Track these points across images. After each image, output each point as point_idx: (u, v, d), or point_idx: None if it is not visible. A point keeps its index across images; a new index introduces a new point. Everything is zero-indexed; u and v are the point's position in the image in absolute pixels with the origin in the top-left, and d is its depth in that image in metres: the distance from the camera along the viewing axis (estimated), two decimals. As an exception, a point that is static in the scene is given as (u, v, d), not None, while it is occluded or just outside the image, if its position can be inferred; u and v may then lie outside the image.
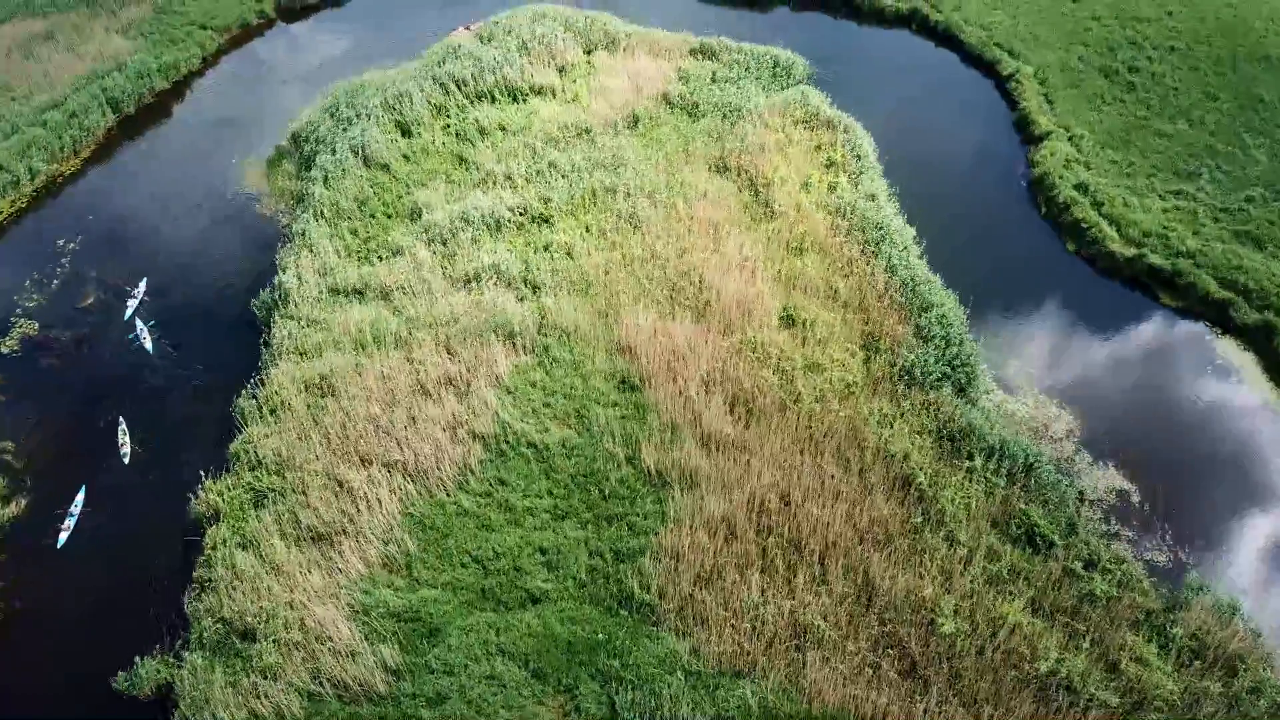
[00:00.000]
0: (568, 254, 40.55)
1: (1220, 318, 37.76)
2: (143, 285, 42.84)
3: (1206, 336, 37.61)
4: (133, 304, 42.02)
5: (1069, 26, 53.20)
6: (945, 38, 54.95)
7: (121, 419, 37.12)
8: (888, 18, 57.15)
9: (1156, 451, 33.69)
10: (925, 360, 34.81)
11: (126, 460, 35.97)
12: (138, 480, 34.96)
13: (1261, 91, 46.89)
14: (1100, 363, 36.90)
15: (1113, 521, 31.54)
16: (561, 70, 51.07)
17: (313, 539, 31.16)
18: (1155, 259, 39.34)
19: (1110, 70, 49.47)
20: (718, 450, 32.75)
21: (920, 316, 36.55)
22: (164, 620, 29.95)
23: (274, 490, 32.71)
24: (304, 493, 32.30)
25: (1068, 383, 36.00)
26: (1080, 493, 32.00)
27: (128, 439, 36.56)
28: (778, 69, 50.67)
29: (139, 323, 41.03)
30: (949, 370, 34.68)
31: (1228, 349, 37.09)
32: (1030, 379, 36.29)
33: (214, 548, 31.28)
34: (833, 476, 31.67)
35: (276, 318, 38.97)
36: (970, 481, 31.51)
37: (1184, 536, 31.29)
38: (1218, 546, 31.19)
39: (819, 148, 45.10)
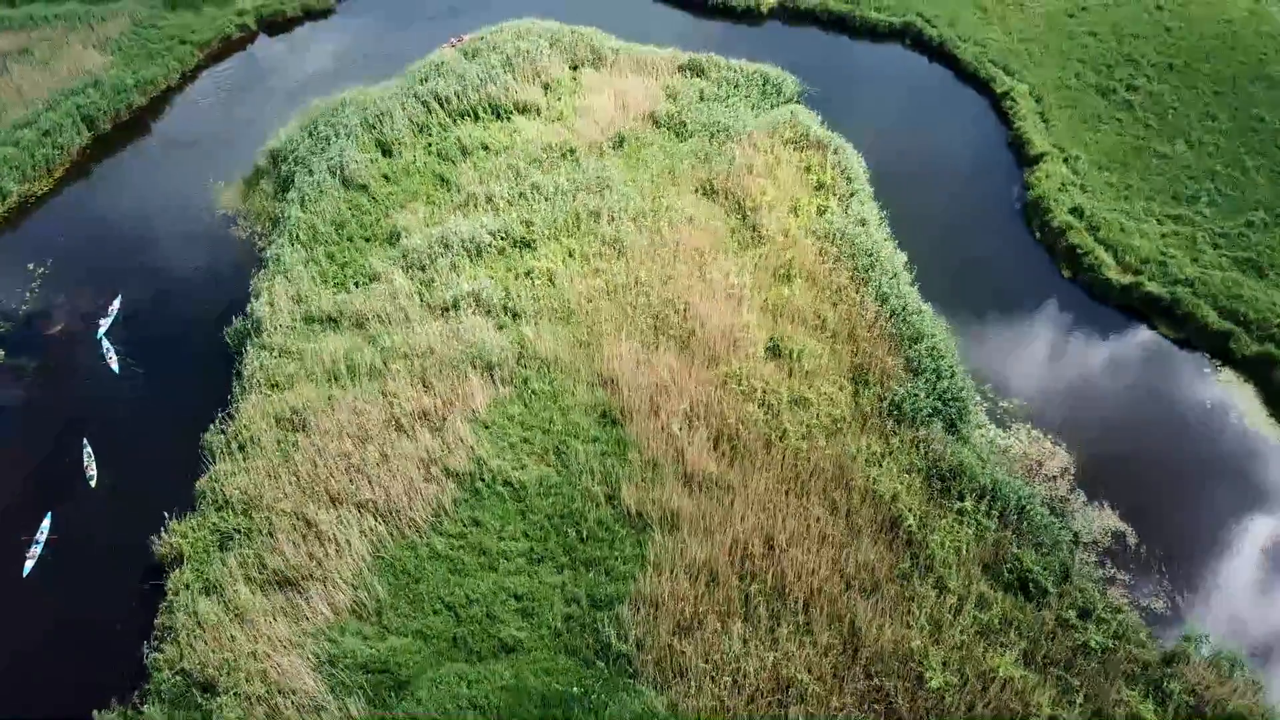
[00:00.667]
0: (549, 280, 39.45)
1: (1220, 348, 36.67)
2: (117, 302, 41.86)
3: (1206, 368, 36.53)
4: (105, 322, 41.08)
5: (1065, 43, 52.09)
6: (939, 53, 53.83)
7: (86, 441, 36.25)
8: (880, 33, 55.99)
9: (1154, 490, 32.66)
10: (915, 395, 33.73)
11: (93, 484, 35.14)
12: (104, 513, 33.81)
13: (1261, 111, 45.84)
14: (1096, 396, 35.79)
15: (1108, 565, 30.49)
16: (546, 87, 49.93)
17: (279, 584, 30.03)
18: (1153, 287, 38.27)
19: (1107, 89, 48.39)
20: (700, 490, 31.67)
21: (910, 348, 35.45)
22: (124, 667, 28.86)
23: (240, 531, 31.59)
24: (271, 534, 31.18)
25: (1062, 416, 34.88)
26: (1075, 535, 30.92)
27: (93, 462, 35.72)
28: (767, 87, 49.58)
29: (106, 342, 40.10)
30: (940, 405, 33.60)
31: (1228, 381, 36.00)
32: (1024, 412, 35.20)
33: (176, 593, 30.14)
34: (818, 519, 30.58)
35: (249, 347, 37.84)
36: (961, 524, 30.43)
37: (1182, 581, 30.27)
38: (1218, 592, 30.14)
39: (808, 169, 43.99)
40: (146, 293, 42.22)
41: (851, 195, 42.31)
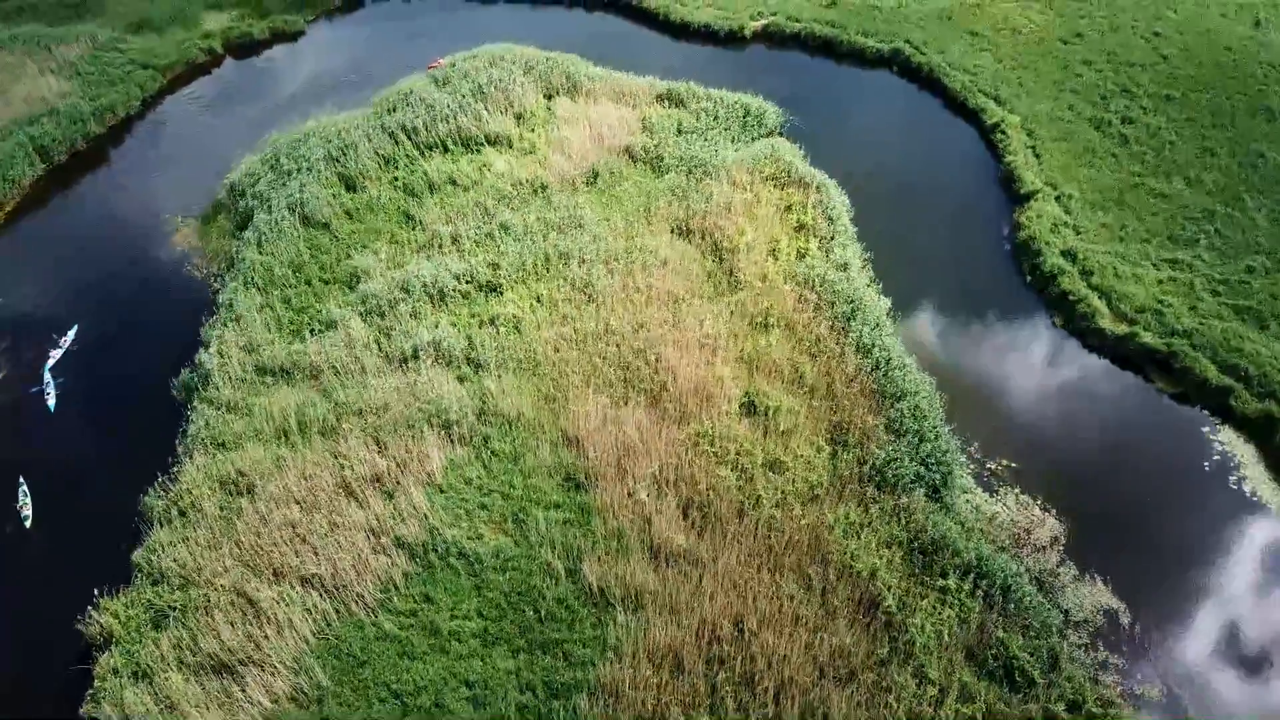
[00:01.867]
0: (515, 328, 37.54)
1: (1220, 405, 34.70)
2: (72, 334, 40.20)
3: (1204, 427, 34.57)
4: (56, 354, 39.49)
5: (1059, 72, 50.22)
6: (928, 81, 51.91)
7: (22, 479, 34.75)
8: (868, 59, 54.11)
9: (1148, 562, 30.73)
10: (897, 458, 31.79)
11: (28, 524, 33.62)
12: (34, 585, 31.81)
13: (1262, 147, 43.97)
14: (1088, 456, 33.75)
15: (1100, 648, 28.51)
16: (519, 118, 48.05)
17: (214, 669, 28.05)
18: (1148, 338, 36.32)
19: (1102, 121, 46.48)
20: (667, 564, 29.74)
21: (892, 407, 33.51)
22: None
23: (176, 609, 29.60)
24: (209, 612, 29.22)
25: (1052, 479, 32.89)
26: (1065, 614, 28.98)
27: (28, 500, 34.23)
28: (748, 118, 47.64)
29: (48, 376, 38.41)
30: (922, 470, 31.66)
31: (1228, 441, 34.03)
32: (1012, 474, 33.25)
33: (104, 679, 28.16)
34: (792, 598, 28.67)
35: (195, 402, 35.88)
36: (943, 604, 28.49)
37: (1179, 665, 28.32)
38: (1217, 677, 28.18)
39: (789, 208, 42.09)
40: (93, 338, 40.25)
41: (833, 237, 40.40)
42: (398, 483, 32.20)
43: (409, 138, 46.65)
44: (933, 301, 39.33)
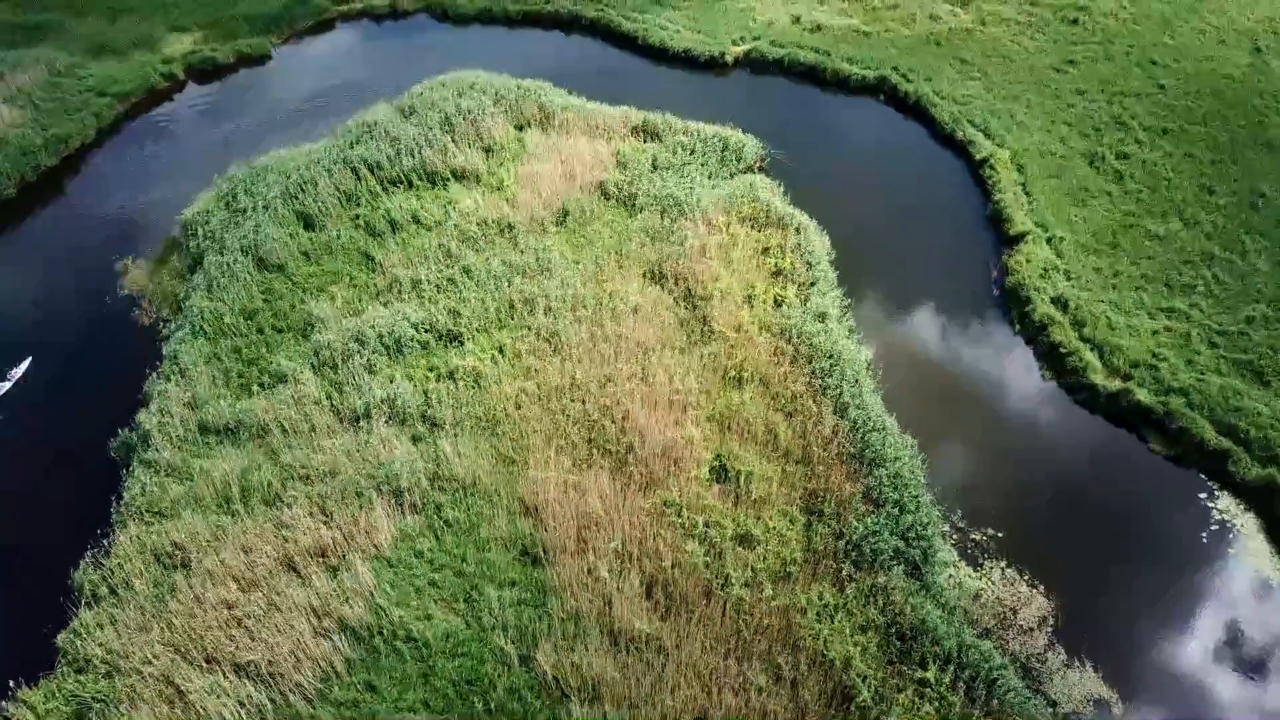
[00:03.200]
0: (475, 382, 35.54)
1: (1218, 469, 32.78)
2: (23, 367, 38.34)
3: (1201, 493, 32.64)
4: (4, 386, 37.76)
5: (1050, 102, 48.28)
6: (915, 111, 49.97)
7: None
8: (852, 86, 52.15)
9: (1141, 644, 28.87)
10: (876, 531, 29.84)
11: None
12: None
13: (1263, 185, 42.06)
14: (1078, 524, 31.84)
15: (1091, 744, 26.67)
16: (488, 151, 46.04)
17: (137, 770, 26.09)
18: (1143, 395, 34.38)
19: (1095, 156, 44.54)
20: (628, 651, 27.76)
21: (870, 474, 31.55)
22: None
23: (100, 700, 27.58)
24: (134, 704, 27.20)
25: (1040, 551, 30.97)
26: (1052, 706, 27.06)
27: None
28: (726, 152, 45.63)
29: None
30: (902, 544, 29.70)
31: (1227, 509, 32.11)
32: (997, 545, 31.31)
33: (17, 783, 26.24)
34: (760, 690, 26.71)
35: (134, 464, 33.86)
36: (922, 699, 26.53)
37: (1175, 763, 26.45)
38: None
39: (766, 251, 40.13)
40: (29, 391, 38.10)
41: (812, 284, 38.42)
42: (343, 556, 30.21)
43: (372, 172, 44.62)
44: (916, 353, 37.45)
